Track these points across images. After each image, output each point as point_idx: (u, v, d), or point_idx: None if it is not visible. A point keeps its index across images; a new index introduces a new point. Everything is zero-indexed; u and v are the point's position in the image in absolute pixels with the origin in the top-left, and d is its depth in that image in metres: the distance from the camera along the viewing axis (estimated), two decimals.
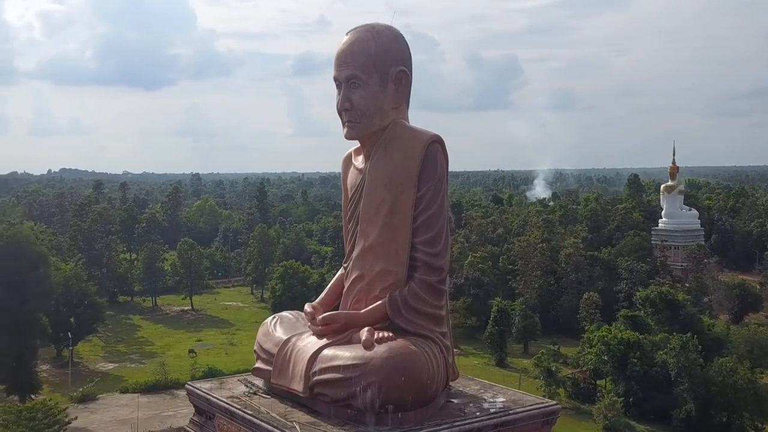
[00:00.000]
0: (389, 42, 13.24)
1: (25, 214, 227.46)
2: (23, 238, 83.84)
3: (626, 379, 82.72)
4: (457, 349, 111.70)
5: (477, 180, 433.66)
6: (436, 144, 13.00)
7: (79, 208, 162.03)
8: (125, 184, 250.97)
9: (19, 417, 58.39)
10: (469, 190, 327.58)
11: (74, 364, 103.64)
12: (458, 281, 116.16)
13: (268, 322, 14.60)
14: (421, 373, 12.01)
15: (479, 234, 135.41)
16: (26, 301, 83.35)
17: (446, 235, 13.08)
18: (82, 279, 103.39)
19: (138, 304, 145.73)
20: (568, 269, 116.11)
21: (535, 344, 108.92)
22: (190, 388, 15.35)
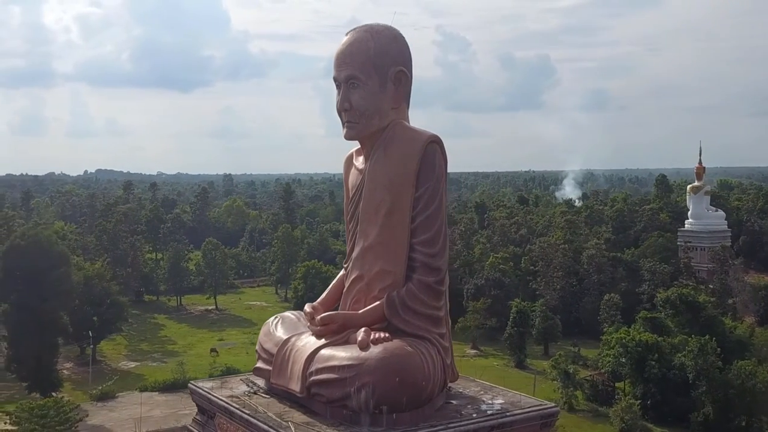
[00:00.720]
0: (388, 42, 13.25)
1: (58, 214, 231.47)
2: (44, 239, 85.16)
3: (644, 381, 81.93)
4: (477, 350, 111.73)
5: (507, 180, 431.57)
6: (434, 144, 12.97)
7: (105, 208, 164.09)
8: (155, 184, 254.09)
9: (32, 414, 59.32)
10: (498, 190, 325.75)
11: (97, 363, 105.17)
12: (479, 282, 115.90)
13: (270, 322, 14.69)
14: (416, 374, 11.97)
15: (502, 235, 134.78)
16: (47, 300, 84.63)
17: (444, 235, 13.05)
18: (105, 278, 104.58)
19: (163, 303, 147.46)
20: (590, 270, 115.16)
21: (556, 346, 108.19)
22: (193, 387, 15.53)
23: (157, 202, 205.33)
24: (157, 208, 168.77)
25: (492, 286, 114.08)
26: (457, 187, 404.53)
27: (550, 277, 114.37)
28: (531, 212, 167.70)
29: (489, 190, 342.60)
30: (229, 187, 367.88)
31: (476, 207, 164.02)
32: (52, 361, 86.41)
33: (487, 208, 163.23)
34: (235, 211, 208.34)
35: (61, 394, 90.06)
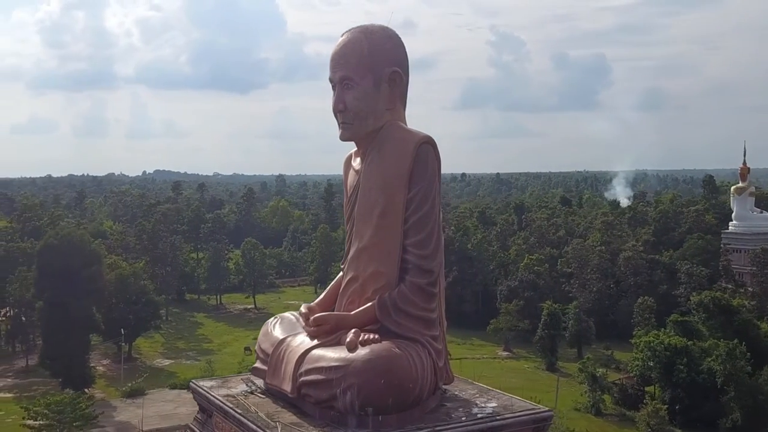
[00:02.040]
0: (383, 42, 13.23)
1: (110, 214, 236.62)
2: (77, 238, 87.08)
3: (672, 385, 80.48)
4: (509, 352, 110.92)
5: (559, 181, 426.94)
6: (426, 145, 12.88)
7: (147, 208, 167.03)
8: (203, 185, 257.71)
9: (48, 410, 60.68)
10: (548, 191, 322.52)
11: (133, 360, 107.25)
12: (512, 284, 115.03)
13: (270, 323, 14.77)
14: (403, 376, 11.89)
15: (539, 236, 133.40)
16: (79, 298, 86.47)
17: (437, 237, 12.94)
18: (141, 277, 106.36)
19: (204, 302, 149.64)
20: (627, 273, 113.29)
21: (590, 349, 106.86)
22: (193, 386, 15.63)
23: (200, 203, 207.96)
24: (199, 208, 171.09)
25: (526, 288, 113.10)
26: (507, 188, 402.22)
27: (585, 279, 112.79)
28: (573, 213, 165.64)
29: (539, 191, 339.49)
30: (281, 187, 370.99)
31: (515, 208, 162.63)
32: (84, 357, 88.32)
33: (526, 208, 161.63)
34: (280, 211, 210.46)
35: (94, 390, 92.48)
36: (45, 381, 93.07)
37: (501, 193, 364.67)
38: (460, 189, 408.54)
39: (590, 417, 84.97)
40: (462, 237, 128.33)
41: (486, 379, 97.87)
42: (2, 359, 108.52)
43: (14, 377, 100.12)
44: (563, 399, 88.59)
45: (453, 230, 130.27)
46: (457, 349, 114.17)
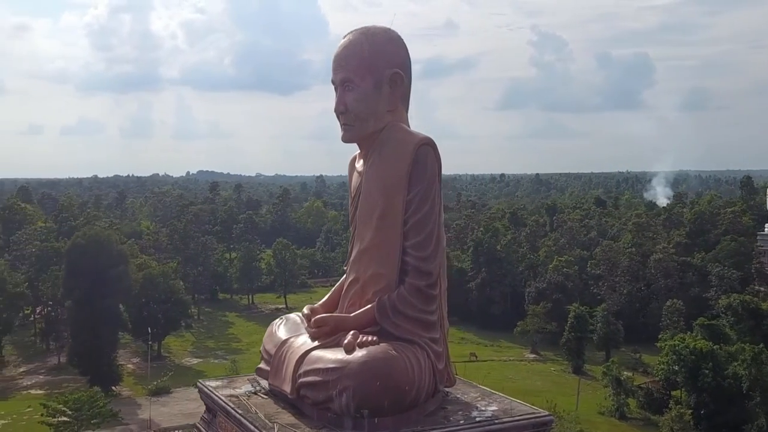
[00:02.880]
0: (383, 44, 13.21)
1: (150, 214, 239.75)
2: (104, 238, 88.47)
3: (698, 390, 79.12)
4: (536, 355, 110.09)
5: (599, 182, 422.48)
6: (426, 146, 12.77)
7: (180, 209, 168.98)
8: (240, 185, 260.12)
9: (67, 407, 61.82)
10: (588, 192, 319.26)
11: (162, 358, 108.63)
12: (540, 285, 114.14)
13: (275, 323, 14.91)
14: (399, 379, 11.86)
15: (570, 237, 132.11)
16: (106, 297, 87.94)
17: (437, 239, 12.87)
18: (170, 277, 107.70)
19: (236, 301, 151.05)
20: (658, 275, 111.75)
21: (618, 352, 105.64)
22: (199, 386, 15.77)
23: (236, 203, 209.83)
24: (231, 209, 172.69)
25: (554, 290, 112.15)
26: (546, 189, 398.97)
27: (614, 281, 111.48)
28: (608, 215, 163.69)
29: (578, 192, 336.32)
30: (320, 188, 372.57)
31: (547, 209, 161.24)
32: (111, 355, 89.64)
33: (559, 209, 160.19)
34: (315, 211, 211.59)
35: (122, 388, 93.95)
36: (75, 378, 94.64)
37: (540, 194, 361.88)
38: (498, 189, 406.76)
39: (614, 421, 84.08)
40: (491, 238, 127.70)
41: (510, 381, 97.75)
42: (36, 356, 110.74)
43: (46, 374, 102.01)
44: (588, 402, 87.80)
45: (482, 231, 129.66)
46: (484, 351, 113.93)
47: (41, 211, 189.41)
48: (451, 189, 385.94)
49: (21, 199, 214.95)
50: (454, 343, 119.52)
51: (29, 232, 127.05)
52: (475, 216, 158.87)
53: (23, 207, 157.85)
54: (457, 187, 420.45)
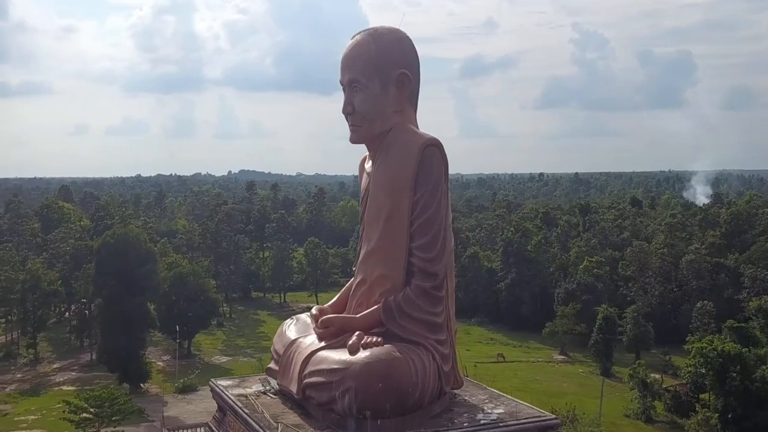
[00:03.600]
0: (390, 45, 13.24)
1: (189, 213, 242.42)
2: (133, 237, 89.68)
3: (725, 393, 77.67)
4: (565, 356, 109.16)
5: (640, 181, 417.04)
6: (432, 148, 12.79)
7: (213, 208, 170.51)
8: (276, 185, 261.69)
9: (88, 404, 62.85)
10: (627, 192, 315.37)
11: (192, 356, 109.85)
12: (570, 286, 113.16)
13: (285, 323, 15.01)
14: (402, 380, 11.87)
15: (602, 238, 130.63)
16: (135, 295, 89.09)
17: (443, 240, 12.89)
18: (200, 275, 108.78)
19: (268, 300, 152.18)
20: (690, 276, 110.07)
21: (649, 354, 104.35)
22: (212, 385, 16.14)
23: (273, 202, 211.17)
24: (265, 208, 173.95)
25: (584, 291, 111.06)
26: (586, 188, 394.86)
27: (644, 282, 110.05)
28: (643, 215, 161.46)
29: (617, 191, 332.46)
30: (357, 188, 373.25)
31: (580, 209, 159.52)
32: (139, 353, 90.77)
33: (592, 210, 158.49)
34: (349, 211, 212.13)
35: (150, 385, 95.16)
36: (106, 375, 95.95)
37: (579, 193, 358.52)
38: (537, 189, 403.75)
39: (640, 424, 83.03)
40: (520, 238, 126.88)
41: (537, 382, 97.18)
42: (70, 353, 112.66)
43: (78, 371, 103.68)
44: (615, 405, 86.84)
45: (512, 231, 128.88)
46: (512, 352, 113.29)
47: (81, 210, 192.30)
48: (489, 188, 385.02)
49: (62, 198, 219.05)
50: (483, 343, 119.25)
51: (65, 230, 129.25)
52: (506, 216, 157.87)
53: (61, 206, 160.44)
54: (495, 186, 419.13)
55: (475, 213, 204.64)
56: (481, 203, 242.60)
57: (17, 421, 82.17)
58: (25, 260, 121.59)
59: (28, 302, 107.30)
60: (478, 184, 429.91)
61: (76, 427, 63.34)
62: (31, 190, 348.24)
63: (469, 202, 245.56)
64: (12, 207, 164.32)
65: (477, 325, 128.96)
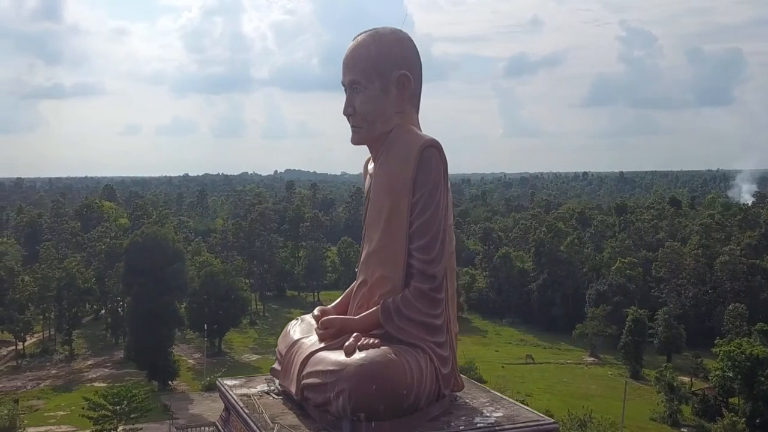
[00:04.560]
0: (391, 46, 13.24)
1: (230, 212, 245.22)
2: (161, 236, 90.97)
3: (754, 398, 76.28)
4: (595, 358, 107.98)
5: (686, 180, 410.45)
6: (431, 149, 12.70)
7: (248, 208, 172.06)
8: (315, 184, 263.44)
9: (106, 401, 63.94)
10: (672, 191, 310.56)
11: (222, 354, 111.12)
12: (601, 287, 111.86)
13: (291, 324, 14.97)
14: (396, 382, 11.83)
15: (637, 238, 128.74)
16: (163, 294, 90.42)
17: (442, 242, 12.79)
18: (230, 274, 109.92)
19: (303, 299, 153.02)
20: (724, 278, 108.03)
21: (681, 356, 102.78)
22: (218, 384, 16.18)
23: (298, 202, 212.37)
24: (299, 208, 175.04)
25: (615, 292, 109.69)
26: (631, 187, 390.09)
27: (675, 284, 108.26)
28: (682, 215, 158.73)
29: (662, 190, 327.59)
30: None
31: (616, 208, 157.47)
32: (167, 351, 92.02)
33: (629, 210, 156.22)
34: None
35: (179, 383, 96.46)
36: (138, 372, 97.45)
37: (623, 193, 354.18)
38: (581, 188, 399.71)
39: (666, 428, 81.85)
40: (552, 239, 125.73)
41: (564, 384, 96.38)
42: (105, 350, 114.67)
43: (111, 368, 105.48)
44: (642, 408, 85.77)
45: (544, 232, 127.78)
46: (541, 354, 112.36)
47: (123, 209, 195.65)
48: (532, 188, 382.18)
49: (105, 197, 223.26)
50: (513, 344, 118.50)
51: (101, 230, 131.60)
52: (541, 216, 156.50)
53: (101, 205, 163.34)
54: (538, 186, 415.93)
55: (513, 213, 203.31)
56: (521, 203, 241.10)
57: (47, 416, 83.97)
58: (64, 259, 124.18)
59: (63, 300, 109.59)
60: (521, 183, 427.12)
61: (95, 423, 64.47)
62: (81, 189, 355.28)
63: (508, 201, 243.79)
64: (53, 206, 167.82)
65: (508, 325, 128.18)
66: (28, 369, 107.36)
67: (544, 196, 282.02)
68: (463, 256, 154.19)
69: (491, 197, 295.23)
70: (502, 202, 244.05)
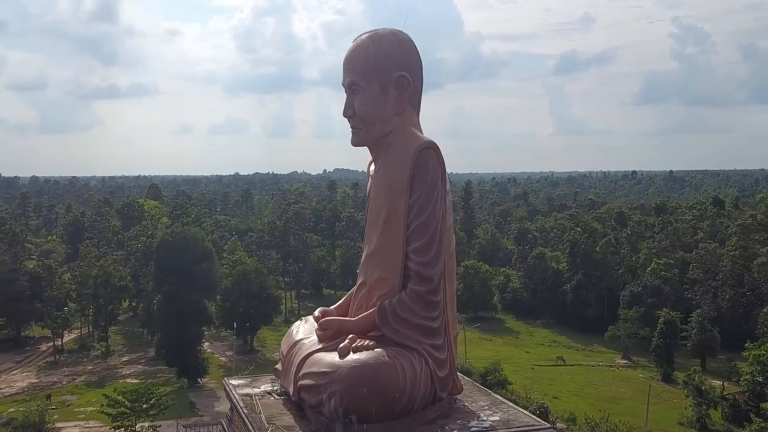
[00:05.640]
0: (390, 47, 13.28)
1: (274, 211, 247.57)
2: (191, 235, 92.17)
3: None
4: (627, 361, 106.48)
5: (737, 180, 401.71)
6: (428, 150, 12.70)
7: (283, 207, 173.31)
8: (356, 184, 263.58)
9: (125, 398, 65.06)
10: (721, 190, 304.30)
11: (254, 352, 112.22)
12: (635, 289, 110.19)
13: (295, 325, 15.11)
14: (388, 385, 11.86)
15: (675, 239, 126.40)
16: (192, 292, 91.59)
17: (439, 244, 12.73)
18: (262, 273, 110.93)
19: (339, 297, 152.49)
20: (761, 280, 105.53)
21: (715, 359, 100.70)
22: (224, 383, 16.38)
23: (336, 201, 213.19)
24: (336, 207, 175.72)
25: (649, 294, 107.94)
26: (680, 186, 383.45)
27: (712, 286, 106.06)
28: (725, 215, 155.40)
29: (712, 190, 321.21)
30: None
31: (655, 209, 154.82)
32: (196, 348, 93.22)
33: (669, 210, 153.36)
34: None
35: (208, 380, 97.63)
36: (169, 369, 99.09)
37: (672, 192, 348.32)
38: (629, 187, 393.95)
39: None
40: (587, 239, 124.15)
41: (593, 387, 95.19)
42: (140, 347, 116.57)
43: (145, 364, 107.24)
44: (671, 412, 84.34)
45: (579, 232, 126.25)
46: (574, 356, 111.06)
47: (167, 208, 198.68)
48: (579, 187, 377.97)
49: (151, 196, 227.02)
50: (545, 345, 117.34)
51: (139, 228, 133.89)
52: (578, 216, 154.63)
53: (142, 204, 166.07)
54: (586, 185, 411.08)
55: (555, 212, 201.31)
56: (564, 202, 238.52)
57: (77, 411, 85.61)
58: (104, 257, 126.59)
59: (99, 297, 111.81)
60: (568, 182, 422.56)
61: (113, 420, 65.64)
62: (132, 188, 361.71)
63: (550, 201, 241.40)
64: (93, 204, 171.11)
65: (542, 326, 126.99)
66: (65, 365, 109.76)
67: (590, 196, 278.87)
68: (501, 256, 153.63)
69: (536, 197, 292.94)
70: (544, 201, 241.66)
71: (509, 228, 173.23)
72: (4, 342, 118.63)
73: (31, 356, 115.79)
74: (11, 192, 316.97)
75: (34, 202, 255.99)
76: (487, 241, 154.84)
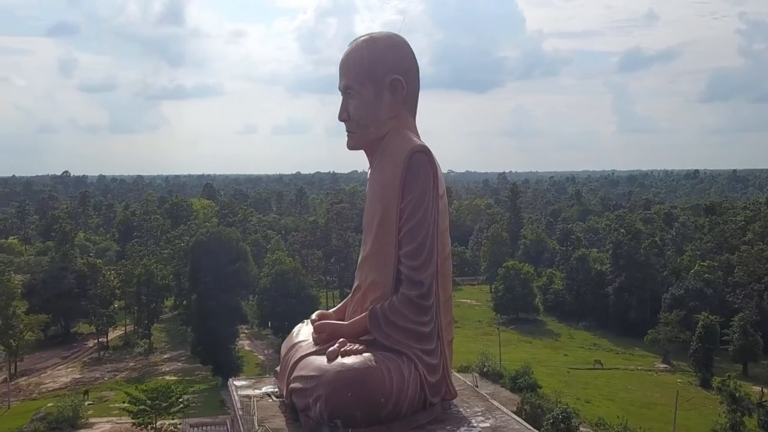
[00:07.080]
0: (384, 50, 13.36)
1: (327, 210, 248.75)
2: (225, 236, 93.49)
3: None
4: (667, 365, 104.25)
5: None
6: (420, 154, 12.72)
7: (328, 206, 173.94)
8: None
9: (146, 396, 66.30)
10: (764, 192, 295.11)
11: None
12: (677, 292, 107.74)
13: (297, 327, 15.13)
14: (373, 390, 11.92)
15: (722, 240, 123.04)
16: (226, 291, 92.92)
17: (430, 248, 12.72)
18: (300, 272, 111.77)
19: None
20: None
21: (758, 365, 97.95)
22: (229, 384, 16.71)
23: None
24: None
25: (692, 297, 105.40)
26: (744, 186, 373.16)
27: (754, 289, 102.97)
28: None
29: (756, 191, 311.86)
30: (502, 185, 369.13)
31: (705, 209, 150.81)
32: (230, 347, 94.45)
33: (721, 210, 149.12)
34: (474, 209, 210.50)
35: None
36: (207, 367, 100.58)
37: (735, 192, 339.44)
38: (690, 187, 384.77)
39: None
40: (631, 240, 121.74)
41: (628, 391, 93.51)
42: (182, 344, 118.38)
43: (184, 362, 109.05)
44: (706, 418, 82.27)
45: (622, 233, 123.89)
46: (613, 359, 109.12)
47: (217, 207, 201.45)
48: (639, 186, 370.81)
49: (205, 195, 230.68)
50: (585, 348, 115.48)
51: (183, 228, 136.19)
52: (625, 216, 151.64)
53: (191, 203, 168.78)
54: (646, 183, 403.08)
55: (607, 212, 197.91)
56: (619, 202, 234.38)
57: (111, 407, 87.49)
58: (150, 255, 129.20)
59: (142, 295, 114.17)
60: (628, 181, 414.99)
61: (133, 417, 66.94)
62: (195, 186, 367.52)
63: (604, 200, 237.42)
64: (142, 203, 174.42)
65: (583, 329, 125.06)
66: (108, 361, 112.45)
67: (648, 195, 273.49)
68: (546, 256, 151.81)
69: (594, 195, 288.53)
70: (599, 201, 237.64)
71: (558, 228, 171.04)
72: (54, 338, 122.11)
73: (78, 352, 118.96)
74: (79, 190, 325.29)
75: (94, 200, 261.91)
76: (533, 241, 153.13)
